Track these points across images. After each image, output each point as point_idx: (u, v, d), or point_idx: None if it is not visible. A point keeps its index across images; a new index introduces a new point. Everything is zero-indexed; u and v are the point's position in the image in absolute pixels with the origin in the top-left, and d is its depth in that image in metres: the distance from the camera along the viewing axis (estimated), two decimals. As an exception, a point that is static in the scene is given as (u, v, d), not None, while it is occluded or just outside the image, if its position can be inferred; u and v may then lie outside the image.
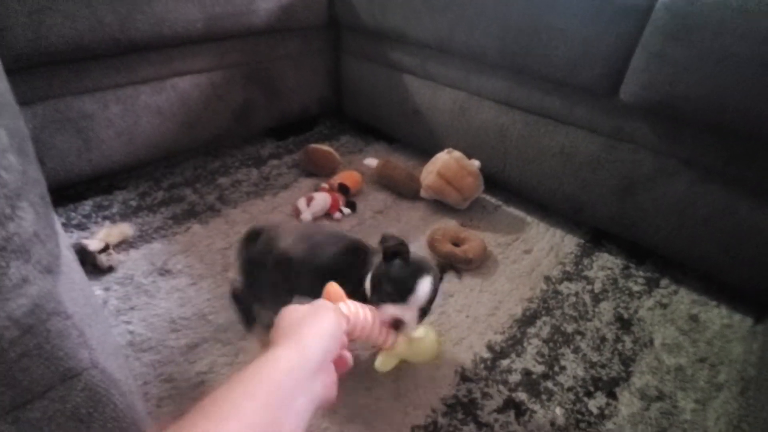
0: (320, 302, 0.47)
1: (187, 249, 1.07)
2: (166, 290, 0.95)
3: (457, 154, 1.21)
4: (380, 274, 0.67)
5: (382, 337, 0.64)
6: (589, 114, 1.01)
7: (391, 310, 0.64)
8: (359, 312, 0.61)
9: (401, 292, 0.64)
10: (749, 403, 0.77)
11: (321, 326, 0.40)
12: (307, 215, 1.17)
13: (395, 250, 0.66)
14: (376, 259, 0.70)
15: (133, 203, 1.23)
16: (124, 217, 1.17)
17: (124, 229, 1.09)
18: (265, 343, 0.45)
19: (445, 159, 1.19)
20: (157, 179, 1.34)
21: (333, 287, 0.60)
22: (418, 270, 0.66)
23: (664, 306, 0.97)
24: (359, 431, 0.71)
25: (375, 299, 0.66)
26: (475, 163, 1.23)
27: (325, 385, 0.38)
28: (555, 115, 1.07)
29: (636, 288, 1.01)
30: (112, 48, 1.09)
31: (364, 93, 1.54)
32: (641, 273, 1.06)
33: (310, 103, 1.62)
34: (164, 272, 1.00)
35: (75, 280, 0.64)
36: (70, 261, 0.64)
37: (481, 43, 1.09)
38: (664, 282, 1.04)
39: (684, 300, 0.99)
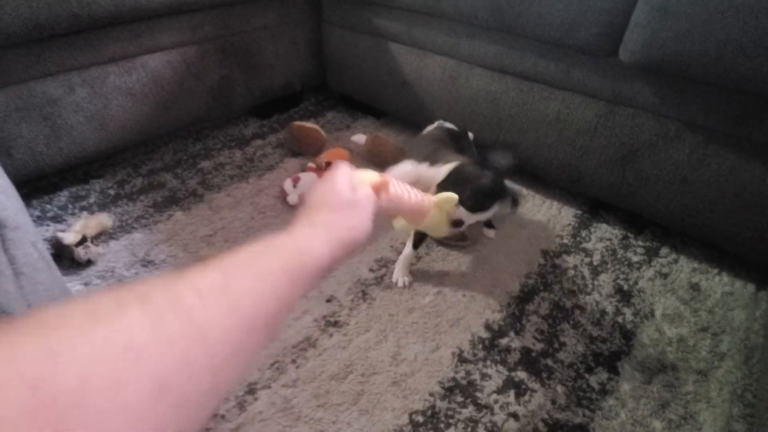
0: (364, 189, 0.46)
1: (169, 238, 1.03)
2: (149, 282, 0.91)
3: (448, 125, 1.15)
4: (469, 177, 0.78)
5: (419, 217, 0.63)
6: (587, 77, 0.95)
7: (461, 213, 0.75)
8: (405, 194, 0.57)
9: (476, 205, 0.76)
10: (753, 372, 0.75)
11: (360, 224, 0.41)
12: (293, 197, 1.12)
13: (494, 164, 0.81)
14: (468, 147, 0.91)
15: (111, 192, 1.17)
16: (102, 206, 1.12)
17: (103, 220, 1.03)
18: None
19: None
20: (136, 165, 1.28)
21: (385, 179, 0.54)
22: (496, 193, 0.79)
23: (664, 276, 0.95)
24: (356, 420, 0.69)
25: (451, 190, 0.68)
26: (468, 136, 1.18)
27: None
28: (550, 80, 1.01)
29: (635, 258, 0.99)
30: (73, 25, 1.01)
31: (349, 65, 1.46)
32: (640, 243, 1.03)
33: (292, 78, 1.54)
34: (147, 263, 0.96)
35: (40, 280, 0.59)
36: (34, 260, 0.60)
37: (470, 4, 1.02)
38: (663, 251, 1.01)
39: (684, 269, 0.97)
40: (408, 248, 0.91)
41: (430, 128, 1.17)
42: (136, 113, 1.20)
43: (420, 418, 0.69)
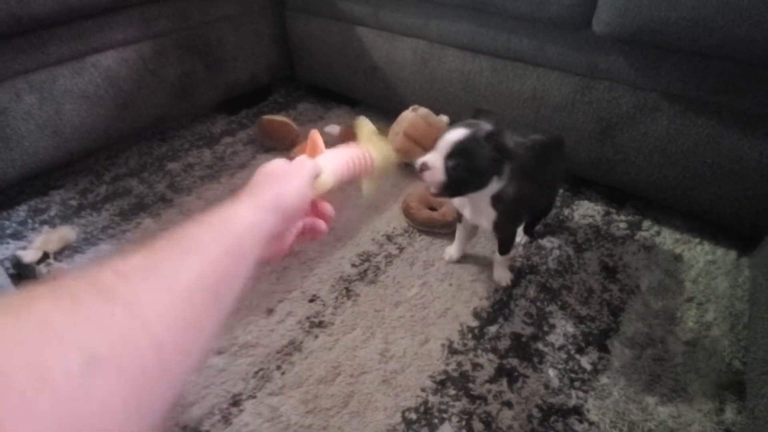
0: (299, 160, 0.46)
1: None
2: (120, 296, 0.86)
3: (423, 110, 1.12)
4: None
5: (366, 174, 0.57)
6: (561, 52, 0.93)
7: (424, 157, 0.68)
8: (337, 161, 0.53)
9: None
10: (739, 339, 0.76)
11: (290, 186, 0.41)
12: (268, 195, 1.07)
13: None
14: None
15: (74, 202, 1.11)
16: (65, 219, 1.05)
17: (65, 234, 0.97)
18: None
19: (411, 117, 1.10)
20: (98, 173, 1.21)
21: (313, 139, 0.53)
22: (462, 124, 0.68)
23: (648, 249, 0.94)
24: (347, 424, 0.66)
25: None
26: (444, 119, 1.15)
27: (281, 240, 0.42)
28: (524, 56, 0.98)
29: (618, 233, 0.98)
30: (13, 26, 0.93)
31: (316, 53, 1.40)
32: (623, 217, 1.03)
33: (258, 70, 1.47)
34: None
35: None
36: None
37: (437, -17, 0.98)
38: (645, 224, 1.01)
39: (666, 241, 0.96)
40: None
41: (405, 113, 1.13)
42: (92, 116, 1.13)
43: (413, 416, 0.67)
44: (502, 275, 0.88)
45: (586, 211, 1.04)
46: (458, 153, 0.66)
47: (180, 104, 1.31)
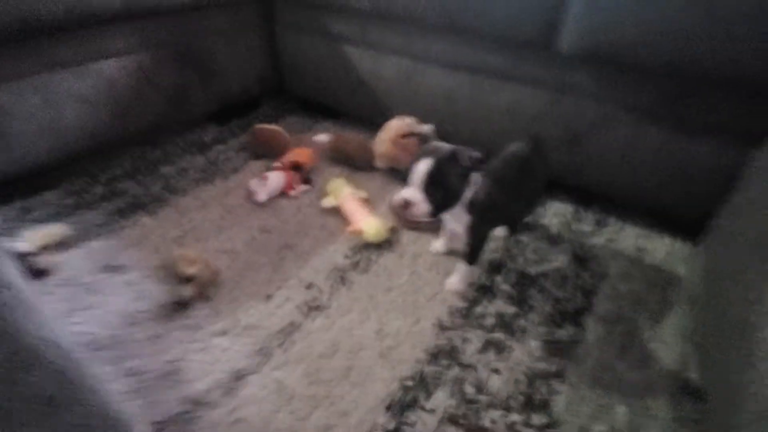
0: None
1: (137, 242, 1.00)
2: (117, 286, 0.88)
3: (408, 119, 1.21)
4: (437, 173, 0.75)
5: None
6: (532, 69, 1.05)
7: (410, 194, 0.75)
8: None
9: (408, 174, 0.76)
10: (697, 317, 0.85)
11: None
12: (262, 195, 1.12)
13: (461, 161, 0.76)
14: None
15: (69, 201, 1.12)
16: (59, 217, 1.06)
17: (56, 230, 0.98)
18: None
19: (398, 125, 1.20)
20: (93, 174, 1.23)
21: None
22: (423, 154, 0.75)
23: (614, 242, 1.05)
24: (348, 393, 0.70)
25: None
26: (426, 128, 1.24)
27: None
28: (500, 73, 1.10)
29: (587, 229, 1.09)
30: (21, 30, 0.98)
31: (305, 68, 1.50)
32: (590, 216, 1.13)
33: (249, 82, 1.55)
34: (113, 268, 0.93)
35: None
36: None
37: (420, 5, 1.10)
38: (611, 221, 1.12)
39: (630, 235, 1.07)
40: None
41: (392, 121, 1.23)
42: (91, 120, 1.16)
43: (410, 383, 0.72)
44: (454, 280, 0.90)
45: (557, 210, 1.15)
46: (432, 181, 0.73)
47: (174, 112, 1.36)
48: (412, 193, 0.75)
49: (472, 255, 0.88)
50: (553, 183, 1.21)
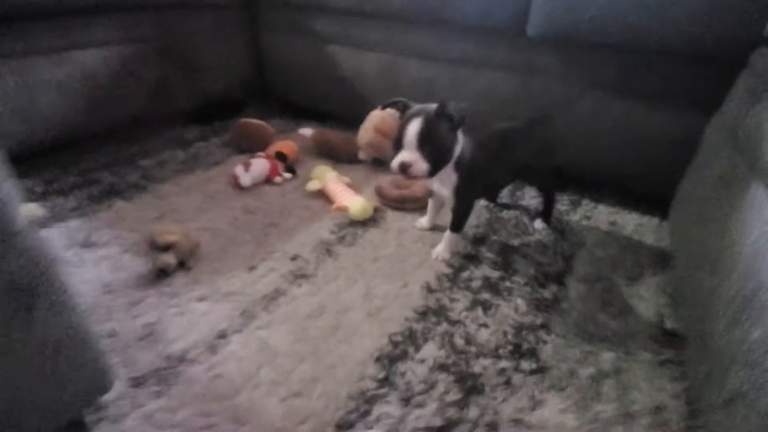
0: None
1: (112, 223, 0.97)
2: (93, 260, 0.85)
3: (390, 110, 1.25)
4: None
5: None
6: (505, 55, 1.12)
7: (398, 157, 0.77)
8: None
9: (398, 139, 0.78)
10: (667, 275, 0.89)
11: None
12: (246, 179, 1.12)
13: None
14: None
15: (39, 189, 1.08)
16: (29, 201, 1.02)
17: (31, 207, 0.94)
18: None
19: (380, 114, 1.23)
20: (65, 166, 1.19)
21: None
22: (410, 116, 0.77)
23: (589, 218, 1.09)
24: (336, 348, 0.69)
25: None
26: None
27: None
28: (475, 61, 1.17)
29: (563, 208, 1.13)
30: (1, 11, 0.98)
31: (289, 69, 1.54)
32: (566, 197, 1.18)
33: (232, 83, 1.57)
34: (88, 245, 0.90)
35: None
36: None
37: (401, 1, 1.16)
38: (585, 201, 1.16)
39: (603, 212, 1.12)
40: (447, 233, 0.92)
41: (375, 112, 1.26)
42: (65, 109, 1.15)
43: (399, 338, 0.71)
44: (441, 249, 0.91)
45: (534, 193, 1.19)
46: (425, 140, 0.76)
47: (155, 107, 1.36)
48: (408, 154, 0.77)
49: (457, 222, 0.90)
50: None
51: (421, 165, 0.76)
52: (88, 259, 0.85)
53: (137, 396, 0.60)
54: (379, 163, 1.29)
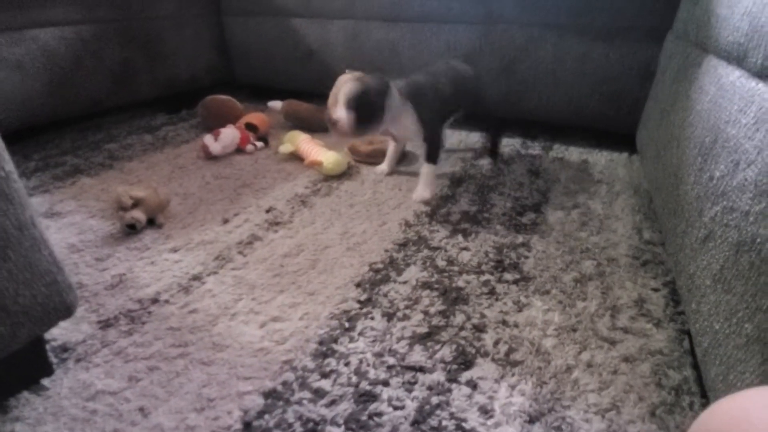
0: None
1: (77, 196, 0.93)
2: (57, 227, 0.81)
3: (357, 74, 1.25)
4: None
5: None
6: (463, 7, 1.14)
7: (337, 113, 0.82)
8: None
9: (333, 98, 0.83)
10: (640, 199, 0.90)
11: None
12: (216, 147, 1.10)
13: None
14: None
15: (-3, 173, 1.04)
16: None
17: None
18: None
19: (347, 80, 1.23)
20: (26, 155, 1.15)
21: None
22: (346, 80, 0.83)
23: (561, 159, 1.10)
24: (316, 278, 0.67)
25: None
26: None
27: None
28: (435, 17, 1.18)
29: (536, 152, 1.14)
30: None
31: (255, 51, 1.53)
32: (537, 144, 1.19)
33: (198, 71, 1.55)
34: (52, 215, 0.86)
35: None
36: None
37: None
38: (556, 146, 1.18)
39: (574, 153, 1.14)
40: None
41: (342, 77, 1.26)
42: (25, 89, 1.11)
43: (380, 266, 0.69)
44: (420, 189, 0.92)
45: (506, 143, 1.20)
46: (353, 100, 0.82)
47: (119, 91, 1.33)
48: (338, 111, 0.82)
49: (430, 151, 0.91)
50: (501, 122, 1.27)
51: (345, 121, 0.82)
52: (52, 226, 0.81)
53: (107, 336, 0.57)
54: (352, 130, 1.28)
